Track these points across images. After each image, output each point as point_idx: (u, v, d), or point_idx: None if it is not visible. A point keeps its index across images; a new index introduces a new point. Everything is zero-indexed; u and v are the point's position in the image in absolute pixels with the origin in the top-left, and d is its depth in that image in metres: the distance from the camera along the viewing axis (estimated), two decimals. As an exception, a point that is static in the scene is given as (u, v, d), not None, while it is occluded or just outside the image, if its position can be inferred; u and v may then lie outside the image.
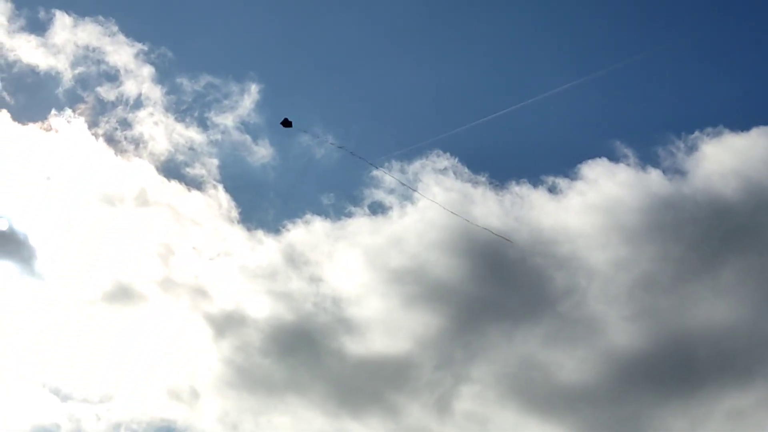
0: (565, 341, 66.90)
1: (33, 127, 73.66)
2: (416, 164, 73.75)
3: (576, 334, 67.01)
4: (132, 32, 75.84)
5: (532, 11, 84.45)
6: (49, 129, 74.08)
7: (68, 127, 74.30)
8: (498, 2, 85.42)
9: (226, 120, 74.96)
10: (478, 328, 68.32)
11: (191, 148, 74.00)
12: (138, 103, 74.70)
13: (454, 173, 73.61)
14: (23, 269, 70.21)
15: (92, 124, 74.13)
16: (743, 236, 68.67)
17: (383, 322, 68.78)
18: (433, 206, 69.39)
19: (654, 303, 67.26)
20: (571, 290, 68.41)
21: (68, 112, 73.87)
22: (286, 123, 58.59)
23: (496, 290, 69.60)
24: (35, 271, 70.32)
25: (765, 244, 68.06)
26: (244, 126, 75.28)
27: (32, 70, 74.36)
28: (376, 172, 73.07)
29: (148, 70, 75.15)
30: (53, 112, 73.95)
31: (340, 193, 73.66)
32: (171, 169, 73.75)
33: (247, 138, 75.43)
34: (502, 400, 65.63)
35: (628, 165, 73.24)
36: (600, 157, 73.46)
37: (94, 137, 74.06)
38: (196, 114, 75.20)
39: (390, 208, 72.81)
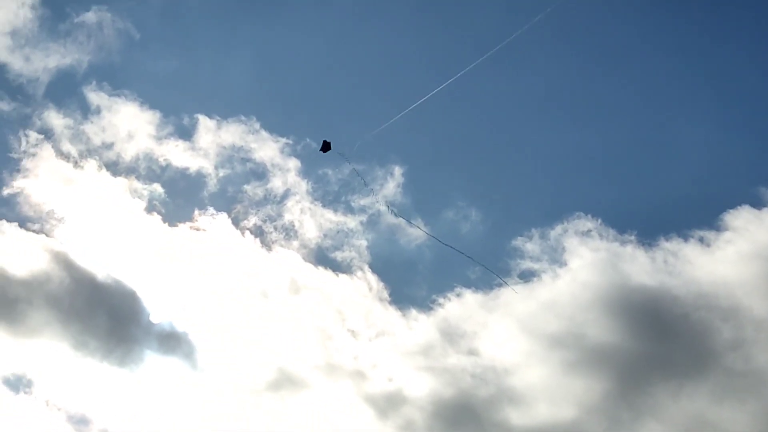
0: (735, 395, 64.98)
1: (183, 227, 76.63)
2: (558, 229, 73.83)
3: (746, 387, 65.08)
4: (275, 128, 78.70)
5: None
6: (198, 228, 76.87)
7: (216, 224, 76.90)
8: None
9: (373, 203, 76.43)
10: (643, 387, 66.95)
11: (338, 233, 75.65)
12: (285, 195, 77.06)
13: (599, 235, 73.28)
14: (187, 365, 72.27)
15: (239, 219, 76.54)
16: None
17: (546, 390, 68.04)
18: (584, 267, 69.36)
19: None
20: (737, 342, 66.73)
21: (214, 210, 76.54)
22: (325, 146, 56.96)
23: (659, 348, 68.33)
24: (197, 366, 72.25)
25: None
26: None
27: (182, 173, 77.77)
28: (515, 242, 73.64)
29: (293, 163, 77.54)
30: (201, 210, 76.82)
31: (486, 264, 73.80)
32: (318, 256, 75.46)
33: (388, 219, 76.73)
34: (675, 461, 63.89)
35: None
36: (742, 205, 72.17)
37: (240, 232, 76.35)
38: (342, 199, 76.92)
39: (540, 273, 72.67)
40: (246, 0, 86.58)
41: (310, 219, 76.14)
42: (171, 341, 72.71)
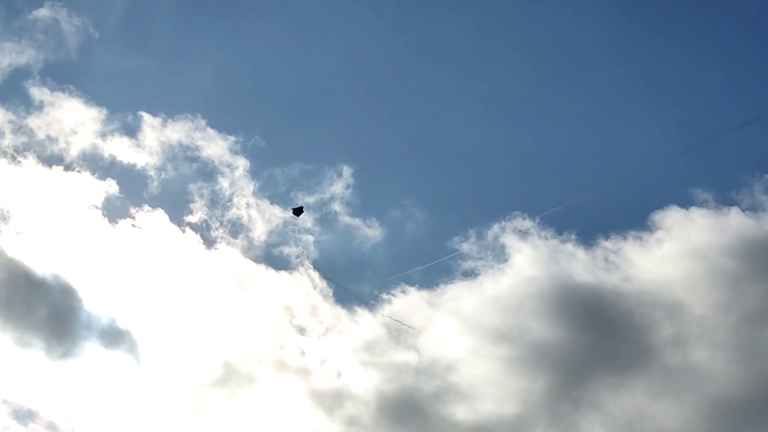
0: (672, 391, 66.74)
1: (124, 224, 75.82)
2: (495, 228, 74.92)
3: (683, 383, 66.93)
4: (223, 126, 78.50)
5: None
6: (139, 226, 76.10)
7: (156, 221, 76.24)
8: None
9: (319, 202, 76.54)
10: (584, 382, 68.46)
11: (282, 230, 75.47)
12: (231, 193, 76.65)
13: (537, 234, 74.70)
14: (131, 358, 71.76)
15: (181, 216, 75.95)
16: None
17: (489, 385, 69.06)
18: (527, 264, 70.81)
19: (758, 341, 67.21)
20: (675, 339, 68.63)
21: (150, 207, 75.90)
22: (297, 211, 61.45)
23: (600, 343, 69.86)
24: (141, 360, 71.83)
25: None
26: (339, 206, 76.91)
27: (126, 170, 76.92)
28: (451, 243, 74.68)
29: (242, 162, 77.23)
30: (138, 208, 76.08)
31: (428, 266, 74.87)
32: (263, 253, 75.19)
33: (339, 217, 77.01)
34: (615, 455, 65.35)
35: (703, 208, 73.92)
36: (669, 205, 74.09)
37: (181, 229, 75.78)
38: (290, 197, 76.84)
39: (484, 269, 73.82)
40: (207, 6, 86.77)
41: (257, 214, 75.95)
42: (113, 336, 72.12)
